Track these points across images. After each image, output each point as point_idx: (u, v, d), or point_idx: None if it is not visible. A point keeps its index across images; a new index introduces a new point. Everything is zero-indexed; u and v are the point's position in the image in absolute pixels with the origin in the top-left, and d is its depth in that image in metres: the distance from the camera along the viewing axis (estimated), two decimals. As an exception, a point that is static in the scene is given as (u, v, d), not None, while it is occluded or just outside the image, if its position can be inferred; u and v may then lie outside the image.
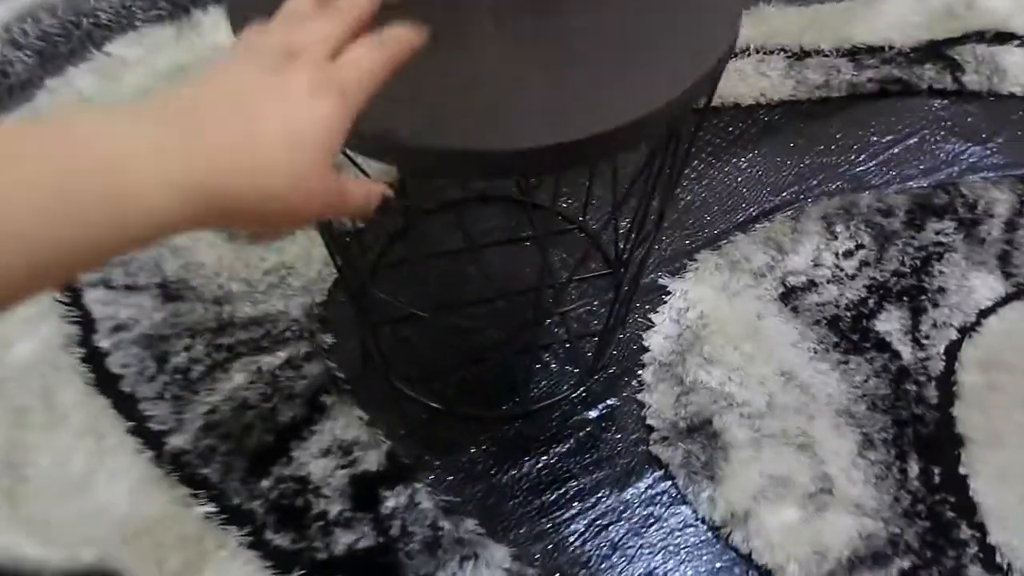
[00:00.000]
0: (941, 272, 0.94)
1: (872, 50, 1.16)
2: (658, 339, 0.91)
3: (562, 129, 0.50)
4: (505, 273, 0.97)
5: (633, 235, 0.79)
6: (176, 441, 0.84)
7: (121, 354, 0.90)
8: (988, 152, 1.06)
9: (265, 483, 0.81)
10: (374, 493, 0.80)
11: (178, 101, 0.36)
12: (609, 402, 0.88)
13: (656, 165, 0.66)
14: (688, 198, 1.03)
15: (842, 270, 0.95)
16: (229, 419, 0.86)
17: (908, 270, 0.95)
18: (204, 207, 0.34)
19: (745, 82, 1.13)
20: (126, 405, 0.87)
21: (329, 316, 0.94)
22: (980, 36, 1.17)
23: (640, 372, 0.89)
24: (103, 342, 0.91)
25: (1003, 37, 1.17)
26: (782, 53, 1.17)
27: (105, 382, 0.89)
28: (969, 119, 1.09)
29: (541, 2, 0.56)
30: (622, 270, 0.83)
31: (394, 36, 0.42)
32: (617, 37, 0.54)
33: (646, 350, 0.91)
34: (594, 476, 0.83)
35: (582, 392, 0.89)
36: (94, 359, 0.90)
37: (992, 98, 1.11)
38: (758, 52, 1.17)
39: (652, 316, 0.93)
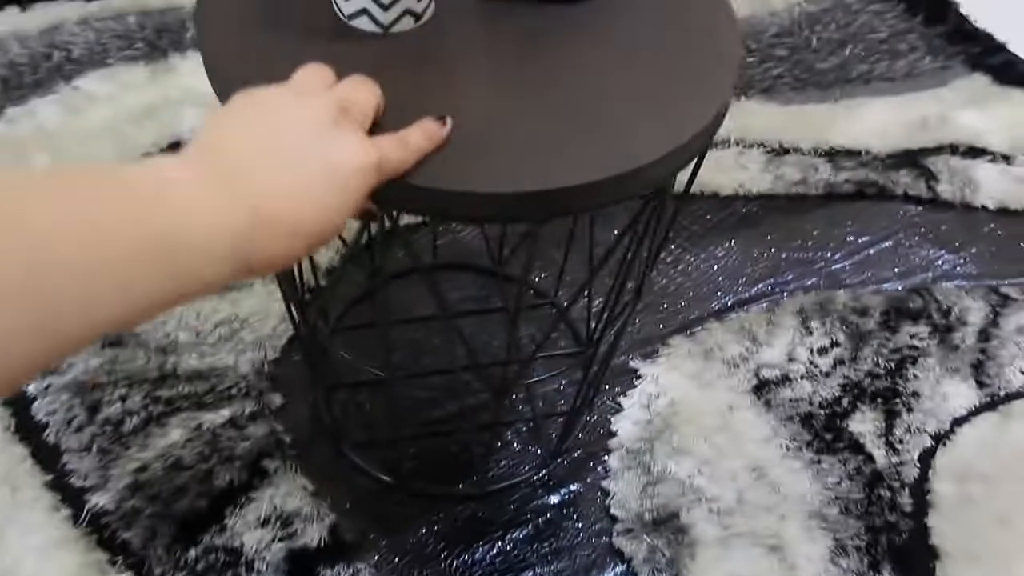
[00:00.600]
0: (915, 376, 0.93)
1: (850, 153, 1.18)
2: (626, 424, 0.87)
3: (545, 177, 0.47)
4: (471, 345, 0.93)
5: (606, 314, 0.76)
6: (98, 499, 0.77)
7: (48, 400, 0.83)
8: (961, 261, 1.06)
9: (193, 552, 0.74)
10: (312, 571, 0.73)
11: (238, 149, 0.38)
12: (572, 487, 0.83)
13: (634, 238, 0.63)
14: (663, 282, 1.01)
15: (816, 367, 0.93)
16: (160, 479, 0.79)
17: (883, 372, 0.93)
18: (240, 273, 0.37)
19: (724, 173, 1.13)
20: (47, 456, 0.80)
21: (280, 375, 0.88)
22: (954, 149, 1.19)
23: (606, 458, 0.84)
24: (29, 386, 0.84)
25: (975, 152, 1.19)
26: (761, 148, 1.17)
27: (27, 429, 0.81)
28: (943, 227, 1.10)
29: (538, 45, 0.54)
30: (592, 350, 0.79)
31: (415, 144, 0.45)
32: (609, 88, 0.52)
33: (613, 435, 0.86)
34: (553, 567, 0.77)
35: (544, 475, 0.84)
36: (17, 403, 0.83)
37: (964, 209, 1.12)
38: (738, 144, 1.17)
39: (621, 399, 0.89)
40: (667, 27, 0.58)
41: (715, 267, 1.03)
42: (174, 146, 1.09)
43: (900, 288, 1.02)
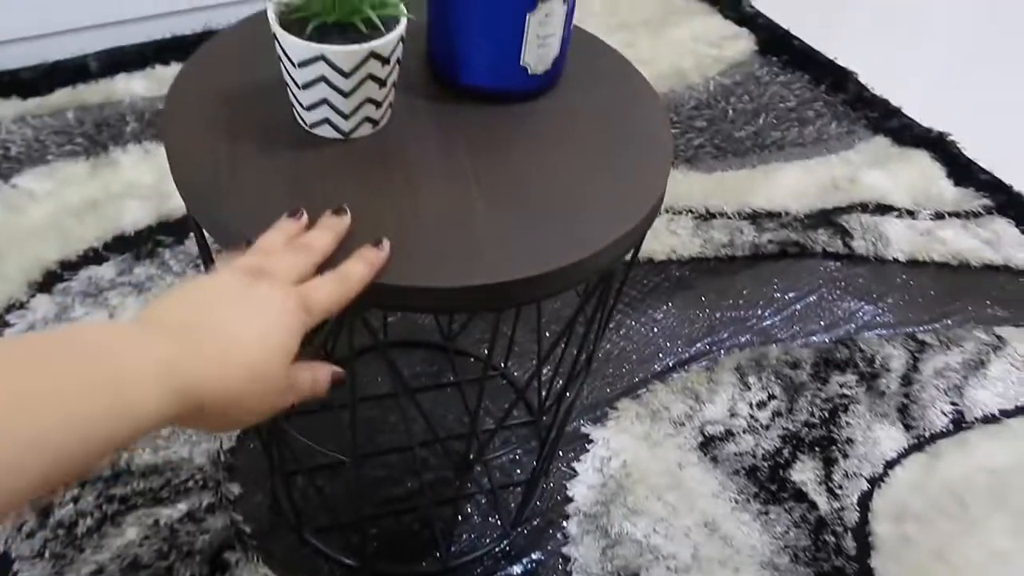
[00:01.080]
0: (848, 423, 0.98)
1: (771, 215, 1.26)
2: (582, 489, 0.89)
3: (497, 270, 0.50)
4: (422, 421, 0.94)
5: (558, 383, 0.80)
6: (54, 607, 0.75)
7: (-3, 506, 0.81)
8: (879, 311, 1.13)
9: (155, 654, 0.73)
10: (280, 663, 0.73)
11: (172, 314, 0.42)
12: (534, 556, 0.84)
13: (584, 315, 0.67)
14: (608, 347, 1.05)
15: (757, 420, 0.98)
16: (118, 580, 0.78)
17: (818, 421, 0.98)
18: (189, 408, 0.38)
19: (657, 239, 1.19)
20: (-2, 565, 0.78)
21: (237, 464, 0.88)
22: (864, 207, 1.28)
23: (565, 524, 0.87)
24: (-22, 492, 0.82)
25: (883, 208, 1.29)
26: (690, 214, 1.24)
27: (-25, 538, 0.79)
28: (860, 280, 1.18)
29: (488, 143, 0.59)
30: (547, 419, 0.82)
31: (356, 275, 0.48)
32: (556, 183, 0.57)
33: (570, 500, 0.89)
34: (520, 638, 0.78)
35: (505, 546, 0.85)
36: (-35, 512, 0.81)
37: (878, 262, 1.21)
38: (667, 212, 1.24)
39: (575, 465, 0.92)
40: (607, 123, 0.63)
41: (655, 330, 1.08)
42: (118, 239, 1.10)
43: (827, 340, 1.09)
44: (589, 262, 0.53)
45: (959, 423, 1.00)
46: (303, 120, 0.57)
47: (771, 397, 1.00)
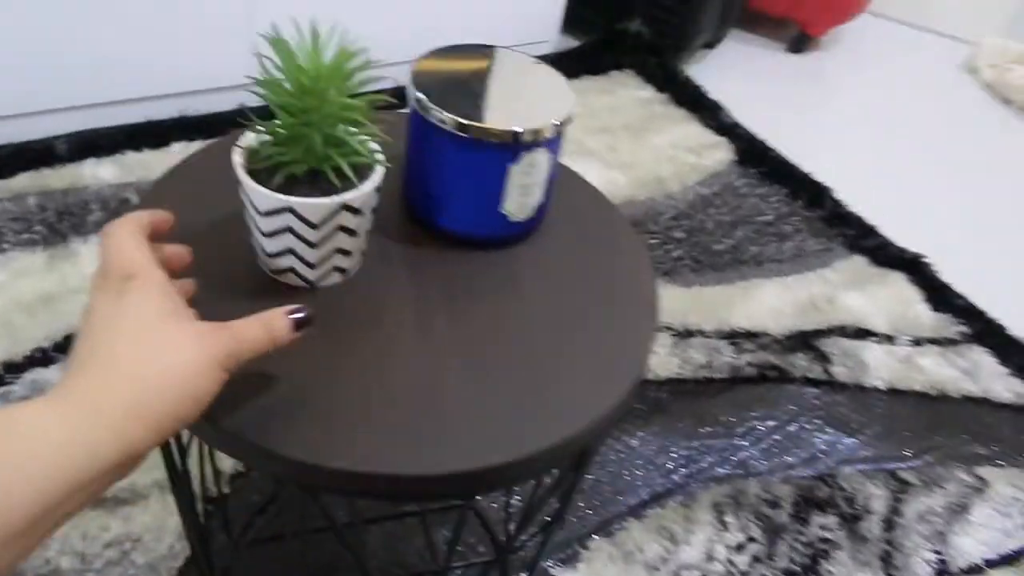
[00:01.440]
0: (829, 572, 0.94)
1: (750, 335, 1.23)
2: (549, 640, 0.83)
3: (467, 456, 0.46)
4: (382, 553, 0.88)
5: (525, 522, 0.75)
6: None
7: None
8: (859, 444, 1.10)
9: None
10: None
11: (87, 379, 0.38)
12: None
13: (563, 477, 0.63)
14: (579, 475, 1.00)
15: (735, 565, 0.93)
16: None
17: (799, 569, 0.93)
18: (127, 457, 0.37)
19: (634, 358, 1.16)
20: None
21: (176, 602, 0.81)
22: (842, 330, 1.27)
23: None
24: None
25: (862, 333, 1.27)
26: (668, 331, 1.22)
27: None
28: (840, 409, 1.15)
29: (464, 299, 0.55)
30: (511, 555, 0.77)
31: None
32: (535, 348, 0.53)
33: (536, 653, 0.82)
34: None
35: None
36: None
37: (858, 390, 1.18)
38: (645, 328, 1.21)
39: (542, 611, 0.86)
40: (590, 277, 0.60)
41: (630, 458, 1.03)
42: (69, 339, 1.04)
43: (807, 475, 1.05)
44: (569, 443, 0.49)
45: (942, 573, 0.96)
46: (266, 266, 0.53)
47: (750, 539, 0.95)
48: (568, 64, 1.80)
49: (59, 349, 1.03)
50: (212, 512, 0.88)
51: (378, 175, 0.51)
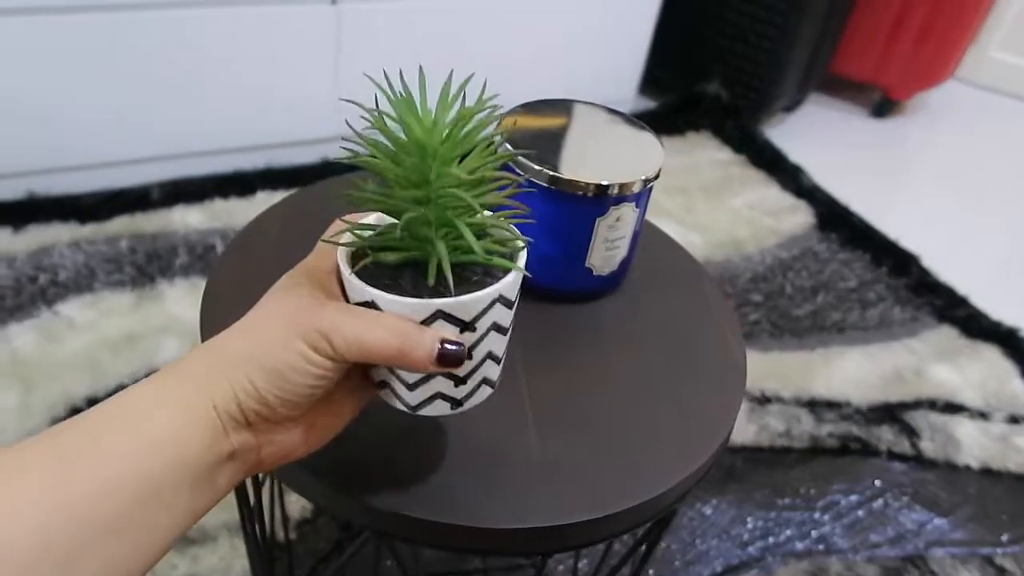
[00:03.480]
0: (920, 663, 0.87)
1: (831, 404, 1.18)
2: None
3: (547, 512, 0.45)
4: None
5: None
6: None
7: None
8: (951, 526, 1.03)
9: None
10: None
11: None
12: None
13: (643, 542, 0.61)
14: (650, 542, 0.96)
15: (816, 649, 0.87)
16: None
17: (886, 657, 0.87)
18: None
19: (708, 422, 1.12)
20: None
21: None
22: (932, 404, 1.20)
23: None
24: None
25: (953, 407, 1.20)
26: (745, 397, 1.17)
27: None
28: (930, 487, 1.08)
29: (547, 349, 0.54)
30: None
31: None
32: (616, 405, 0.52)
33: None
34: None
35: None
36: None
37: (949, 468, 1.11)
38: (720, 392, 1.17)
39: None
40: (674, 336, 0.58)
41: (703, 526, 0.99)
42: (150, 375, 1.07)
43: (893, 556, 0.98)
44: (648, 505, 0.47)
45: (1048, 673, 0.88)
46: (407, 405, 0.41)
47: (832, 622, 0.90)
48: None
49: (141, 387, 1.05)
50: (278, 557, 0.88)
51: (523, 257, 0.39)
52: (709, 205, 1.60)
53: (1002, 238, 1.69)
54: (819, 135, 1.96)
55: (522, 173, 0.54)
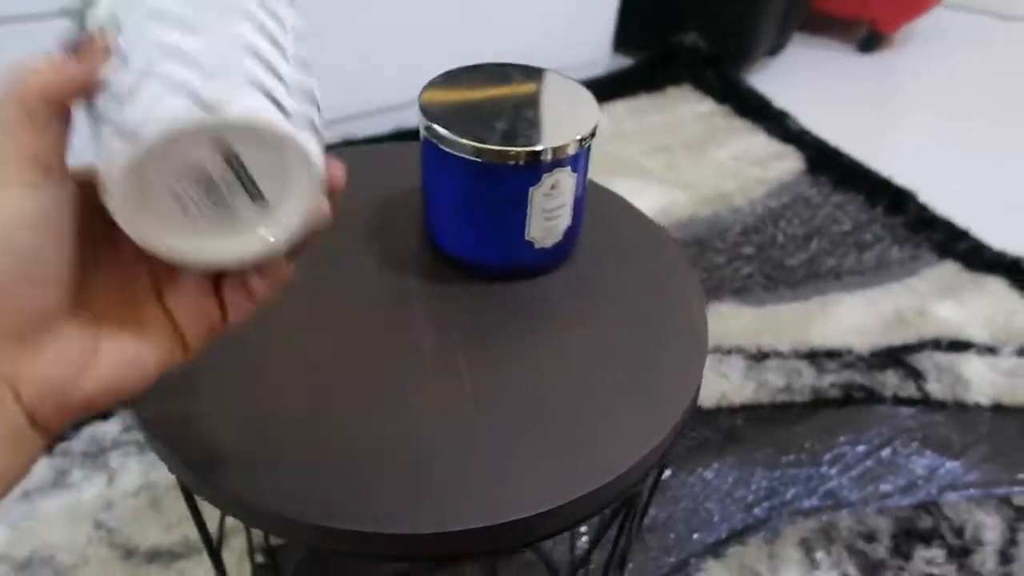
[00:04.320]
0: (938, 614, 0.84)
1: (831, 354, 1.14)
2: None
3: (498, 507, 0.41)
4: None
5: (584, 564, 0.69)
6: None
7: None
8: (964, 469, 1.00)
9: None
10: None
11: None
12: None
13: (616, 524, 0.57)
14: (652, 513, 0.94)
15: (828, 609, 0.84)
16: None
17: (902, 610, 0.84)
18: None
19: (705, 384, 1.08)
20: None
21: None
22: (936, 344, 1.16)
23: None
24: None
25: (959, 345, 1.16)
26: (740, 354, 1.14)
27: None
28: (940, 430, 1.04)
29: (490, 331, 0.51)
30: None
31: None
32: (566, 384, 0.48)
33: None
34: None
35: None
36: None
37: (958, 408, 1.07)
38: (715, 352, 1.14)
39: (616, 666, 0.79)
40: (627, 303, 0.55)
41: (706, 492, 0.96)
42: (129, 395, 1.04)
43: (906, 505, 0.95)
44: (606, 489, 0.44)
45: (1073, 612, 0.85)
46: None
47: (843, 579, 0.87)
48: (623, 83, 1.75)
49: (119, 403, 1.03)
50: (267, 565, 0.86)
51: None
52: (693, 161, 1.55)
53: (1002, 164, 1.63)
54: (805, 77, 1.90)
55: (446, 149, 0.51)
